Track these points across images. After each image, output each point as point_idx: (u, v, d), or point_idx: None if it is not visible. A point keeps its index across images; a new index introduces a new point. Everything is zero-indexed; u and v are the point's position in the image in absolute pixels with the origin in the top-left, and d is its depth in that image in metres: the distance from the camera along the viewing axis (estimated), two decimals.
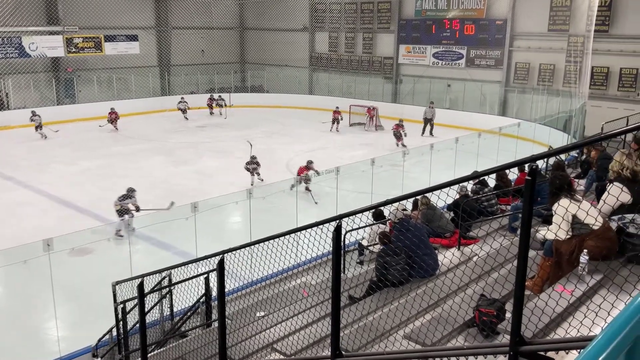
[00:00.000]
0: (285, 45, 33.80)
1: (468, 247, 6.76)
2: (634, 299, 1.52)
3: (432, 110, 24.63)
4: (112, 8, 29.15)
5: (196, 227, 9.81)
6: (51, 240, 7.76)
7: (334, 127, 24.96)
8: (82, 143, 22.45)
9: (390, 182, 14.70)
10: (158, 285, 7.07)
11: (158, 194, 15.81)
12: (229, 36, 35.90)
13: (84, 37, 28.80)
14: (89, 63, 29.82)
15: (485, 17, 26.63)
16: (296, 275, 8.13)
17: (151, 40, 32.40)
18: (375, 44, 31.30)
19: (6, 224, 13.31)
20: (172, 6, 32.57)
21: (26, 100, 27.47)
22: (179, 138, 23.80)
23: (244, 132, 24.80)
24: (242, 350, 5.32)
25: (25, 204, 14.96)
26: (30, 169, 18.40)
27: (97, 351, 6.96)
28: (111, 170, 18.44)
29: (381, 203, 3.98)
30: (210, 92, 32.48)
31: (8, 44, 26.39)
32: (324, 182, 13.53)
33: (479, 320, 4.28)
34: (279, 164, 19.44)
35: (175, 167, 19.05)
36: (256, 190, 11.79)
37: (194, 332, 6.96)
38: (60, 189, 16.08)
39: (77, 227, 12.64)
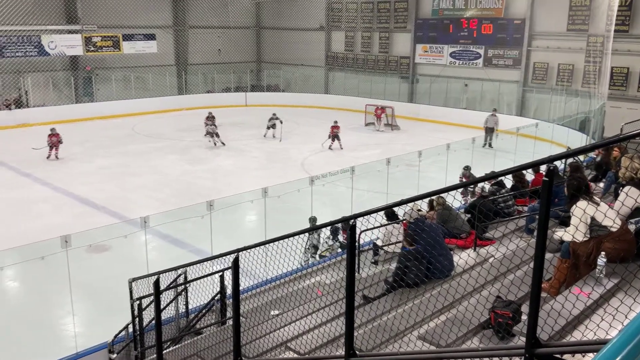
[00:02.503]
0: (301, 45, 33.84)
1: (484, 248, 6.71)
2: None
3: (494, 119, 21.98)
4: (130, 7, 29.44)
5: (211, 225, 9.86)
6: (69, 236, 7.85)
7: (333, 144, 21.57)
8: (99, 141, 22.68)
9: (405, 182, 14.65)
10: (174, 283, 7.12)
11: (173, 192, 15.94)
12: (245, 35, 36.04)
13: (102, 36, 29.09)
14: (107, 62, 30.12)
15: (503, 16, 26.42)
16: (310, 275, 8.13)
17: (169, 40, 32.63)
18: (391, 43, 31.21)
19: (24, 221, 13.49)
20: (189, 5, 32.77)
21: (45, 98, 27.83)
22: (194, 137, 23.93)
23: (260, 130, 24.88)
24: (256, 348, 5.33)
25: (43, 201, 15.15)
26: (47, 166, 18.63)
27: (113, 347, 7.02)
28: (127, 168, 18.61)
29: (396, 203, 3.97)
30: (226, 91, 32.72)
31: (27, 42, 26.75)
32: (339, 182, 13.51)
33: (494, 322, 4.24)
34: (293, 163, 19.47)
35: (191, 165, 19.16)
36: (271, 189, 11.80)
37: (209, 330, 6.99)
38: (77, 187, 16.26)
39: (93, 224, 12.78)
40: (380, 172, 13.33)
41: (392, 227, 8.02)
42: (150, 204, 14.67)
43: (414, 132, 25.35)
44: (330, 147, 21.52)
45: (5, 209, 14.40)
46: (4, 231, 12.75)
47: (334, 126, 21.71)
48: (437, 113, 27.69)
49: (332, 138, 21.62)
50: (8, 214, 14.09)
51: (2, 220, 13.57)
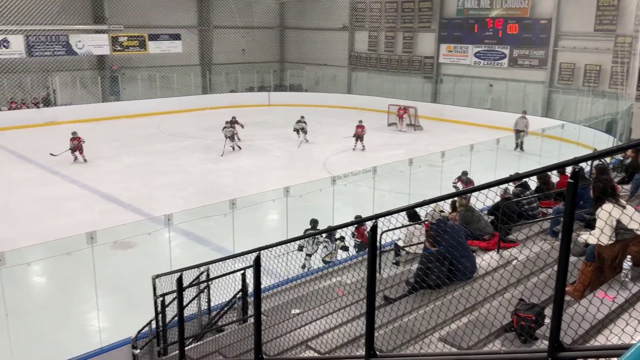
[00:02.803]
0: (324, 45, 33.87)
1: (507, 251, 6.64)
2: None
3: (524, 121, 21.20)
4: (156, 7, 29.80)
5: (234, 223, 9.94)
6: (94, 233, 7.99)
7: (357, 144, 21.44)
8: (125, 140, 23.00)
9: (428, 182, 14.57)
10: (196, 280, 7.20)
11: (196, 191, 16.10)
12: (269, 35, 36.20)
13: (128, 36, 29.50)
14: (133, 61, 30.54)
15: (529, 16, 26.10)
16: (331, 274, 8.15)
17: (193, 39, 32.95)
18: (415, 43, 31.06)
19: (52, 217, 13.75)
20: (214, 6, 33.04)
21: (72, 97, 28.34)
22: (218, 136, 24.11)
23: (282, 130, 24.97)
24: (276, 347, 5.36)
25: (70, 198, 15.43)
26: (75, 164, 18.95)
27: (136, 342, 7.13)
28: (152, 166, 18.84)
29: (418, 203, 3.95)
30: (249, 91, 32.92)
31: (56, 42, 27.27)
32: (361, 182, 13.49)
33: (516, 324, 4.21)
34: (315, 163, 19.51)
35: (214, 164, 19.32)
36: (293, 188, 11.85)
37: (230, 327, 7.05)
38: (103, 184, 16.53)
39: (119, 222, 12.98)
40: (402, 173, 13.27)
41: (414, 227, 7.99)
42: (174, 202, 14.84)
43: (437, 133, 25.19)
44: (354, 148, 21.37)
45: (35, 206, 14.70)
46: (33, 227, 13.03)
47: (359, 126, 21.52)
48: (461, 113, 27.47)
49: (356, 139, 21.45)
50: (37, 210, 14.38)
51: (32, 217, 13.86)
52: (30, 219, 13.69)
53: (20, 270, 8.92)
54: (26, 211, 14.31)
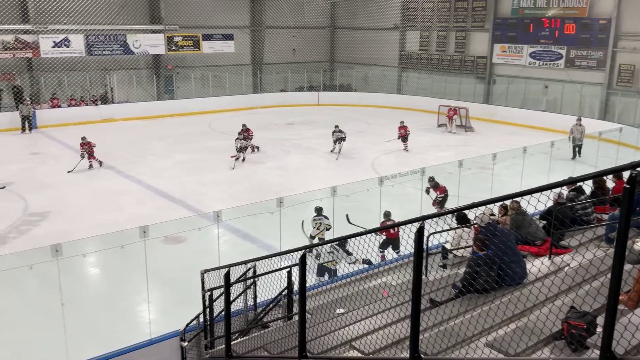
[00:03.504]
0: (375, 44, 33.73)
1: (559, 257, 6.45)
2: None
3: (579, 128, 19.74)
4: (210, 8, 30.43)
5: (281, 221, 10.03)
6: (147, 227, 8.22)
7: (405, 145, 21.32)
8: (178, 137, 23.57)
9: (478, 185, 14.31)
10: (243, 276, 7.30)
11: (244, 188, 16.34)
12: (320, 35, 36.35)
13: (183, 36, 30.23)
14: (187, 61, 31.26)
15: (587, 15, 25.23)
16: (377, 275, 8.11)
17: (245, 39, 33.45)
18: (468, 42, 30.54)
19: (106, 211, 14.24)
20: (266, 6, 33.44)
21: (129, 95, 29.27)
22: (266, 134, 24.40)
23: (331, 129, 25.00)
24: (320, 345, 5.38)
25: (124, 193, 15.93)
26: (129, 160, 19.56)
27: (184, 335, 7.29)
28: (203, 163, 19.24)
29: (467, 206, 3.90)
30: (299, 90, 33.13)
31: (114, 41, 28.22)
32: (409, 183, 13.38)
33: (567, 333, 4.09)
34: (363, 163, 19.47)
35: (262, 162, 19.56)
36: (340, 188, 11.86)
37: (275, 324, 7.12)
38: (156, 180, 16.98)
39: (170, 217, 13.33)
40: (451, 175, 13.09)
41: (462, 230, 7.87)
42: (223, 198, 15.12)
43: (488, 134, 24.70)
44: (404, 148, 21.27)
45: (91, 199, 15.26)
46: (89, 220, 13.53)
47: (402, 127, 21.39)
48: (514, 115, 26.83)
49: (402, 139, 21.34)
50: (93, 204, 14.92)
51: (88, 210, 14.40)
52: (87, 212, 14.22)
53: (76, 262, 9.29)
54: (83, 204, 14.87)
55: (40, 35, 26.06)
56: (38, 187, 16.00)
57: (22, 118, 24.23)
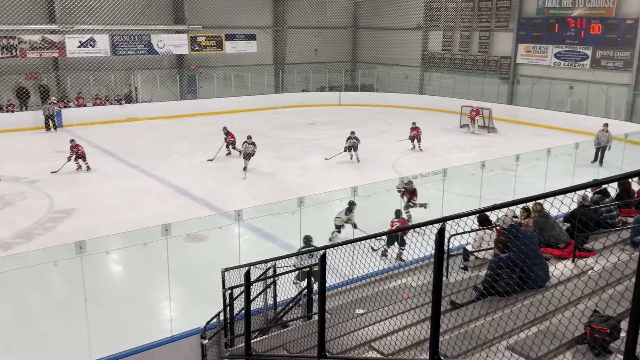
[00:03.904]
0: (397, 44, 33.60)
1: (583, 260, 6.36)
2: None
3: (606, 134, 18.67)
4: (233, 8, 30.64)
5: (301, 221, 10.05)
6: (169, 225, 8.31)
7: (416, 145, 21.30)
8: (200, 137, 23.77)
9: (500, 186, 14.17)
10: (263, 275, 7.34)
11: (265, 188, 16.40)
12: (342, 35, 36.34)
13: (206, 36, 30.47)
14: (210, 61, 31.50)
15: (614, 15, 24.78)
16: (397, 276, 8.08)
17: (268, 40, 33.59)
18: (492, 43, 30.24)
19: (129, 209, 14.42)
20: (289, 6, 33.53)
21: (153, 94, 29.60)
22: (288, 134, 24.48)
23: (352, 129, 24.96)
24: (340, 345, 5.38)
25: (147, 191, 16.11)
26: (152, 158, 19.77)
27: (205, 333, 7.34)
28: (224, 162, 19.36)
29: (489, 207, 3.86)
30: (320, 90, 33.14)
31: (138, 41, 28.57)
32: (430, 184, 13.30)
33: (590, 337, 4.03)
34: (384, 163, 19.41)
35: (283, 162, 19.61)
36: (361, 188, 11.85)
37: (295, 323, 7.14)
38: (178, 179, 17.14)
39: (192, 215, 13.44)
40: (473, 176, 12.97)
41: (484, 232, 7.79)
42: (244, 198, 15.20)
43: (512, 135, 24.43)
44: (412, 147, 21.32)
45: (115, 197, 15.47)
46: (113, 218, 13.72)
47: (413, 128, 21.36)
48: (538, 116, 26.50)
49: (412, 140, 21.31)
50: (117, 202, 15.12)
51: (111, 208, 14.60)
52: (110, 210, 14.42)
53: (99, 258, 9.42)
54: (107, 202, 15.08)
55: (67, 35, 26.51)
56: (63, 185, 16.27)
57: (46, 117, 24.62)
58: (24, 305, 9.20)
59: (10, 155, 20.82)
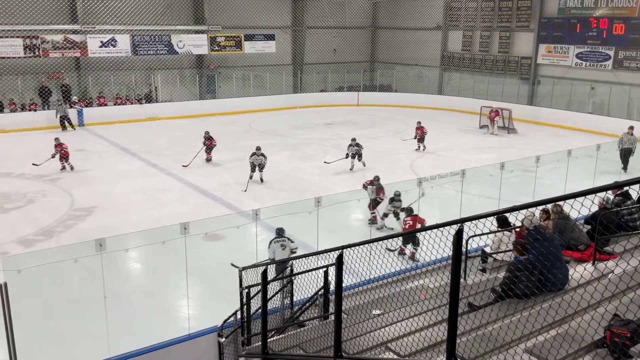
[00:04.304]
0: (416, 44, 33.45)
1: (603, 263, 6.27)
2: None
3: (631, 138, 17.88)
4: (253, 9, 30.81)
5: (318, 221, 10.06)
6: (187, 224, 8.38)
7: (420, 146, 21.15)
8: (219, 136, 23.88)
9: (520, 188, 14.04)
10: (280, 274, 7.36)
11: (283, 187, 16.44)
12: (360, 35, 36.28)
13: (226, 36, 30.65)
14: (229, 61, 31.68)
15: (637, 15, 24.38)
16: (414, 277, 8.05)
17: (286, 40, 33.67)
18: (512, 43, 29.94)
19: (149, 208, 14.56)
20: (308, 6, 33.58)
21: (172, 94, 29.85)
22: (306, 134, 24.51)
23: (370, 130, 24.96)
24: (356, 346, 5.38)
25: (166, 190, 16.25)
26: (171, 157, 19.94)
27: (222, 331, 7.38)
28: (243, 162, 19.42)
29: (508, 209, 3.83)
30: (338, 90, 33.14)
31: (159, 41, 28.84)
32: (449, 185, 13.22)
33: (609, 341, 3.98)
34: (402, 164, 19.34)
35: (301, 162, 19.64)
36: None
37: (311, 323, 7.16)
38: (197, 178, 17.27)
39: (210, 214, 13.54)
40: (492, 177, 12.87)
41: (503, 234, 7.73)
42: (262, 197, 15.26)
43: (532, 136, 24.18)
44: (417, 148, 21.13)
45: (135, 196, 15.63)
46: (132, 216, 13.88)
47: (419, 128, 21.11)
48: (559, 117, 26.20)
49: (418, 140, 21.11)
50: (136, 200, 15.28)
51: (131, 206, 14.76)
52: (130, 208, 14.58)
53: (118, 256, 9.55)
54: (126, 201, 15.24)
55: (88, 36, 26.85)
56: (84, 183, 16.48)
57: (60, 118, 24.60)
58: (44, 301, 9.34)
59: (32, 153, 21.16)
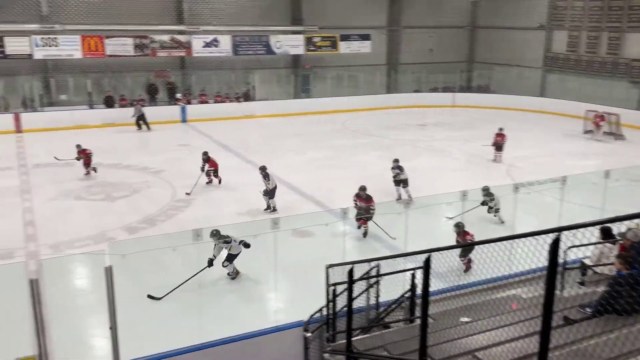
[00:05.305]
0: (517, 45, 32.19)
1: None
2: None
3: None
4: (349, 9, 31.03)
5: (407, 222, 9.97)
6: (278, 220, 8.60)
7: (497, 155, 19.54)
8: (311, 135, 24.30)
9: (626, 198, 13.13)
10: (366, 274, 7.37)
11: (373, 188, 16.37)
12: (458, 35, 35.46)
13: (322, 37, 31.09)
14: (324, 61, 32.07)
15: None
16: (506, 287, 7.77)
17: (382, 40, 33.56)
18: (622, 44, 28.03)
19: (243, 202, 15.06)
20: (405, 6, 33.29)
21: (269, 93, 30.72)
22: (398, 135, 24.31)
23: (465, 132, 24.35)
24: (442, 351, 5.29)
25: (260, 186, 16.71)
26: (266, 154, 20.47)
27: (308, 326, 7.51)
28: (334, 161, 19.64)
29: (611, 219, 3.63)
30: (433, 91, 32.63)
31: (258, 42, 29.80)
32: (548, 192, 12.63)
33: None
34: (498, 168, 18.69)
35: (390, 162, 19.46)
36: (472, 192, 11.52)
37: (397, 325, 7.11)
38: (289, 175, 17.61)
39: (300, 211, 13.80)
40: (596, 185, 12.13)
41: (604, 246, 7.29)
42: (351, 196, 15.30)
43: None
44: (494, 158, 19.55)
45: (231, 190, 16.24)
46: (227, 208, 14.45)
47: (499, 134, 19.65)
48: None
49: (495, 148, 19.61)
50: (232, 194, 15.88)
51: (227, 199, 15.37)
52: (226, 201, 15.18)
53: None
54: (223, 194, 15.87)
55: (193, 36, 28.25)
56: (185, 176, 17.30)
57: (136, 118, 24.98)
58: (145, 286, 9.91)
59: (138, 147, 22.61)
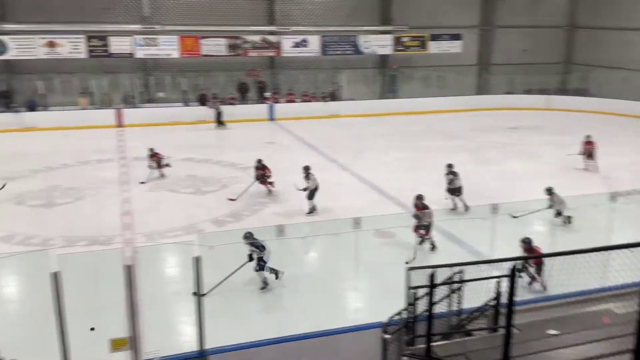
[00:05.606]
0: (622, 46, 30.19)
1: None
2: None
3: None
4: (440, 8, 30.51)
5: (494, 228, 9.67)
6: (360, 219, 8.62)
7: (589, 164, 18.14)
8: (397, 135, 24.10)
9: None
10: (449, 279, 7.22)
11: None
12: (555, 35, 33.82)
13: (411, 37, 30.75)
14: (412, 61, 31.70)
15: None
16: (598, 300, 7.35)
17: (473, 39, 32.68)
18: None
19: (325, 200, 15.15)
20: (498, 5, 32.24)
21: (355, 93, 30.79)
22: (487, 138, 23.61)
23: (559, 137, 23.22)
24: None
25: (343, 184, 16.82)
26: (350, 154, 20.59)
27: (387, 328, 7.46)
28: (418, 162, 19.39)
29: None
30: (527, 93, 31.37)
31: (346, 42, 29.96)
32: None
33: None
34: (594, 176, 17.69)
35: (477, 166, 18.92)
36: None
37: (479, 333, 6.92)
38: (373, 175, 17.60)
39: (382, 211, 13.75)
40: None
41: None
42: (435, 199, 15.01)
43: None
44: (585, 167, 18.20)
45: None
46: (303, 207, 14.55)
47: (587, 142, 18.28)
48: None
49: (585, 157, 18.24)
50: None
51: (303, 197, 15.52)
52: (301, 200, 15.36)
53: (295, 243, 10.15)
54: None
55: (283, 37, 28.87)
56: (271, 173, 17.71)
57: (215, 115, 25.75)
58: (230, 278, 10.22)
59: (228, 143, 23.42)
